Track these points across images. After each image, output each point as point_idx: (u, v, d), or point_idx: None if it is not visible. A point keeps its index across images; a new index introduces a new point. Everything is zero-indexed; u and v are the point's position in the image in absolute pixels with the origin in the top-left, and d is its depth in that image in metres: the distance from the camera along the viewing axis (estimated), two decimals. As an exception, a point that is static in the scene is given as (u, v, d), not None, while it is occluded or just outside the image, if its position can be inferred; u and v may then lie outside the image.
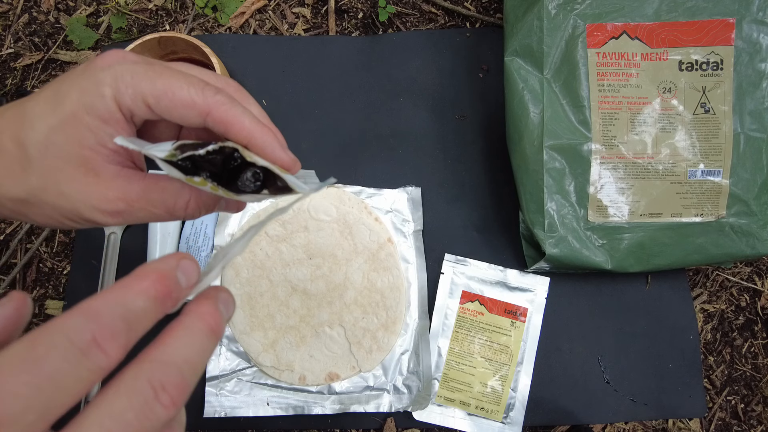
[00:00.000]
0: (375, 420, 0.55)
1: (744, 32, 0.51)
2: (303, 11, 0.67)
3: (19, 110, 0.24)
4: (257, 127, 0.25)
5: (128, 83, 0.23)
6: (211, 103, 0.24)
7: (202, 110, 0.24)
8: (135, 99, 0.23)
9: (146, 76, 0.23)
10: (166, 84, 0.23)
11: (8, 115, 0.25)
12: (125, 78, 0.23)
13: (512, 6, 0.54)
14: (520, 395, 0.55)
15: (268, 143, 0.25)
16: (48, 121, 0.23)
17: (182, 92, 0.23)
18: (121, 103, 0.23)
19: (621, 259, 0.53)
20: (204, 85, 0.24)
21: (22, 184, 0.24)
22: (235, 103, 0.25)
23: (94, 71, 0.24)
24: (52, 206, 0.24)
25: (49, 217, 0.25)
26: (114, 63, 0.24)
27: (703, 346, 0.59)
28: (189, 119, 0.24)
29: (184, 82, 0.24)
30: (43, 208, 0.24)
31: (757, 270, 0.62)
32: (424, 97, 0.63)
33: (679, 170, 0.52)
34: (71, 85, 0.24)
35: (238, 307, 0.55)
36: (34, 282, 0.59)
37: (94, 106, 0.23)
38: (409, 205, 0.59)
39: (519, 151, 0.53)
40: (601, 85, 0.52)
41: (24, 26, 0.66)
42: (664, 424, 0.57)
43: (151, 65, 0.24)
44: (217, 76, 0.27)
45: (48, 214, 0.25)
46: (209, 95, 0.24)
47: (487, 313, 0.56)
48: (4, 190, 0.24)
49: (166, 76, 0.24)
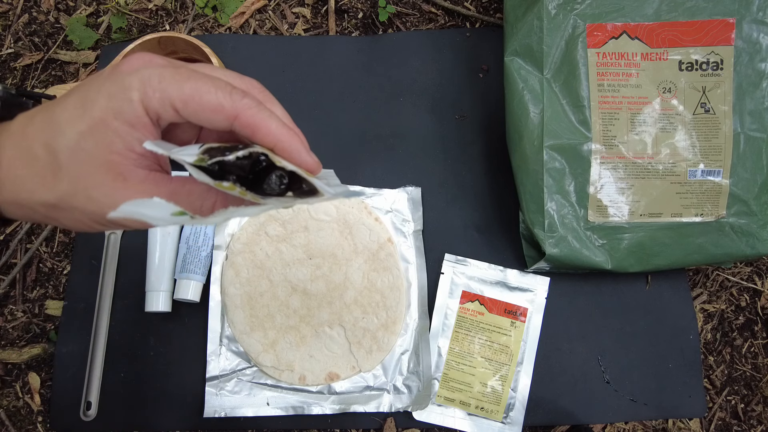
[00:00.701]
0: (375, 420, 0.55)
1: (744, 32, 0.51)
2: (303, 11, 0.67)
3: (47, 115, 0.25)
4: (283, 130, 0.25)
5: (156, 87, 0.23)
6: (239, 107, 0.24)
7: (230, 114, 0.24)
8: (163, 103, 0.23)
9: (173, 80, 0.23)
10: (193, 88, 0.24)
11: (37, 121, 0.25)
12: (152, 82, 0.23)
13: (512, 6, 0.54)
14: (520, 395, 0.55)
15: (294, 147, 0.25)
16: (77, 127, 0.24)
17: (210, 96, 0.24)
18: (149, 108, 0.23)
19: (621, 259, 0.53)
20: (231, 88, 0.24)
21: (53, 189, 0.24)
22: (261, 106, 0.25)
23: (121, 76, 0.24)
24: (82, 211, 0.24)
25: (79, 221, 0.25)
26: (141, 67, 0.24)
27: (703, 346, 0.59)
28: (216, 123, 0.24)
29: (211, 86, 0.24)
30: (73, 212, 0.25)
31: (757, 270, 0.62)
32: (424, 97, 0.63)
33: (679, 170, 0.52)
34: (99, 91, 0.24)
35: (238, 307, 0.55)
36: (34, 282, 0.59)
37: (122, 111, 0.23)
38: (409, 205, 0.59)
39: (519, 151, 0.53)
40: (601, 85, 0.52)
41: (24, 26, 0.66)
42: (664, 424, 0.57)
43: (177, 68, 0.24)
44: (241, 77, 0.27)
45: (77, 218, 0.25)
46: (237, 99, 0.24)
47: (487, 313, 0.56)
48: (36, 196, 0.25)
49: (193, 79, 0.24)
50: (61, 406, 0.54)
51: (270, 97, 0.28)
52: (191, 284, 0.55)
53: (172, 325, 0.57)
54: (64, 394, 0.55)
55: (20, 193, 0.25)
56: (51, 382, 0.56)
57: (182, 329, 0.56)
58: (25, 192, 0.25)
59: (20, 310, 0.58)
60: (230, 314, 0.55)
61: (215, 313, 0.55)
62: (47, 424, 0.55)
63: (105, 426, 0.54)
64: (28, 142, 0.24)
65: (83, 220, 0.25)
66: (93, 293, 0.57)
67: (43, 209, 0.25)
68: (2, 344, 0.57)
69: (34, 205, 0.25)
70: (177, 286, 0.55)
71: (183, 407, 0.55)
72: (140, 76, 0.23)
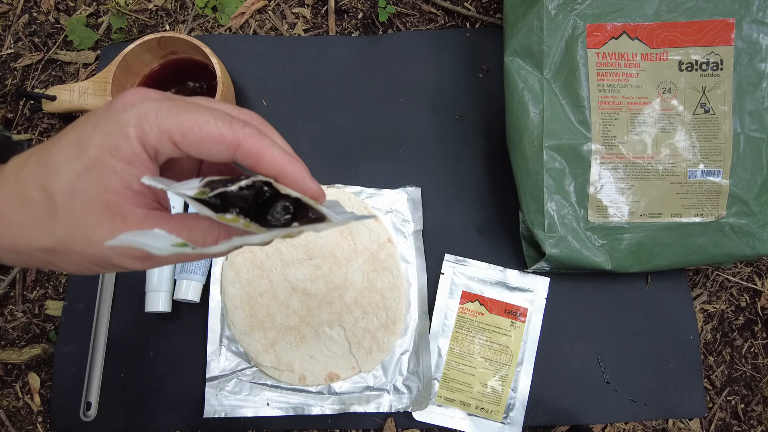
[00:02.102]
0: (375, 420, 0.55)
1: (744, 32, 0.51)
2: (303, 11, 0.67)
3: (43, 157, 0.24)
4: (286, 158, 0.24)
5: (152, 122, 0.23)
6: (240, 136, 0.24)
7: (232, 144, 0.24)
8: (161, 137, 0.23)
9: (171, 113, 0.23)
10: (192, 120, 0.23)
11: (32, 163, 0.24)
12: (149, 117, 0.23)
13: (512, 6, 0.54)
14: (520, 395, 0.55)
15: (299, 173, 0.25)
16: (73, 167, 0.23)
17: (210, 127, 0.23)
18: (146, 143, 0.23)
19: (621, 259, 0.53)
20: (231, 118, 0.24)
21: (50, 233, 0.24)
22: (263, 135, 0.24)
23: (116, 112, 0.23)
24: (80, 254, 0.24)
25: (78, 265, 0.25)
26: (136, 102, 0.24)
27: (703, 346, 0.59)
28: (217, 154, 0.24)
29: (210, 117, 0.23)
30: (71, 256, 0.24)
31: (757, 270, 0.62)
32: (424, 97, 0.63)
33: (679, 170, 0.52)
34: (94, 129, 0.23)
35: (237, 308, 0.55)
36: (34, 282, 0.59)
37: (119, 148, 0.23)
38: (409, 206, 0.59)
39: (519, 151, 0.53)
40: (601, 85, 0.52)
41: (24, 26, 0.66)
42: (664, 424, 0.57)
43: (174, 101, 0.24)
44: (239, 109, 0.27)
45: (76, 261, 0.24)
46: (237, 129, 0.24)
47: (487, 313, 0.56)
48: (33, 241, 0.24)
49: (192, 111, 0.23)
50: (61, 406, 0.54)
51: (270, 128, 0.27)
52: (191, 284, 0.55)
53: (172, 325, 0.57)
54: (64, 395, 0.55)
55: (16, 239, 0.24)
56: (51, 383, 0.56)
57: (182, 329, 0.56)
58: (21, 238, 0.24)
59: (20, 311, 0.58)
60: (230, 314, 0.55)
61: (215, 313, 0.55)
62: (47, 424, 0.55)
63: (105, 426, 0.54)
64: (22, 186, 0.24)
65: (82, 263, 0.25)
66: (93, 293, 0.57)
67: (40, 254, 0.24)
68: (2, 344, 0.57)
69: (30, 251, 0.24)
70: (177, 287, 0.55)
71: (183, 407, 0.55)
72: (136, 112, 0.23)
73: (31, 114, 0.63)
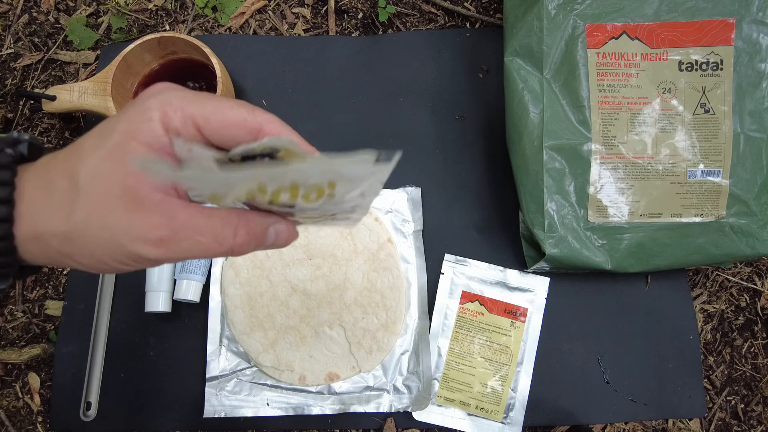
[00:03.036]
0: (375, 420, 0.55)
1: (744, 32, 0.51)
2: (303, 11, 0.67)
3: (74, 148, 0.25)
4: (307, 145, 0.26)
5: (177, 107, 0.24)
6: (262, 120, 0.25)
7: (254, 128, 0.25)
8: (184, 121, 0.24)
9: (194, 100, 0.24)
10: (215, 105, 0.24)
11: (62, 155, 0.25)
12: (173, 102, 0.24)
13: (512, 6, 0.54)
14: (520, 395, 0.55)
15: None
16: (98, 153, 0.23)
17: (232, 111, 0.24)
18: (169, 126, 0.23)
19: (621, 259, 0.53)
20: (252, 106, 0.25)
21: (68, 219, 0.24)
22: (283, 122, 0.26)
23: (142, 100, 0.24)
24: (95, 241, 0.24)
25: (92, 257, 0.24)
26: (162, 90, 0.25)
27: (703, 346, 0.59)
28: (239, 138, 0.25)
29: (233, 103, 0.25)
30: (86, 245, 0.24)
31: (757, 270, 0.62)
32: (424, 97, 0.63)
33: (679, 170, 0.52)
34: (120, 116, 0.24)
35: (237, 308, 0.55)
36: (34, 282, 0.59)
37: (140, 132, 0.23)
38: (409, 206, 0.59)
39: (519, 151, 0.53)
40: (600, 85, 0.52)
41: (24, 26, 0.66)
42: (664, 424, 0.57)
43: (196, 93, 0.25)
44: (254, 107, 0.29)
45: (91, 251, 0.24)
46: (259, 114, 0.25)
47: (487, 313, 0.56)
48: (52, 226, 0.24)
49: (214, 99, 0.24)
50: (61, 406, 0.54)
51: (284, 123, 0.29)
52: (191, 284, 0.55)
53: (172, 325, 0.57)
54: (64, 394, 0.55)
55: (37, 224, 0.24)
56: (51, 382, 0.56)
57: (182, 329, 0.56)
58: (42, 221, 0.24)
59: (20, 311, 0.58)
60: (230, 314, 0.55)
61: (215, 313, 0.55)
62: (47, 424, 0.55)
63: (105, 426, 0.54)
64: (50, 176, 0.24)
65: (96, 254, 0.24)
66: (93, 293, 0.57)
67: (57, 243, 0.24)
68: (2, 344, 0.57)
69: (48, 238, 0.24)
70: (177, 287, 0.55)
71: (183, 407, 0.55)
72: (160, 98, 0.24)
73: (31, 114, 0.63)
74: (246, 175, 0.20)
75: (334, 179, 0.22)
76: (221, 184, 0.22)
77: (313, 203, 0.24)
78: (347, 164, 0.21)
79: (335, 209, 0.26)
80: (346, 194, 0.24)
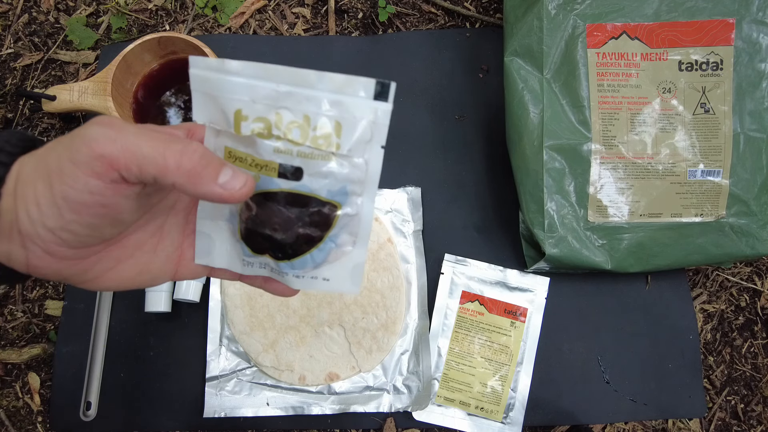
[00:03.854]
0: (375, 420, 0.55)
1: (744, 32, 0.51)
2: (303, 11, 0.67)
3: None
4: None
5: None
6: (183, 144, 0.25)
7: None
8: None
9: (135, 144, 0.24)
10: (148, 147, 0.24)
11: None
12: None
13: (512, 6, 0.54)
14: (520, 395, 0.55)
15: None
16: None
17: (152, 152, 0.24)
18: None
19: (621, 259, 0.53)
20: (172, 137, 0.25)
21: (50, 145, 0.24)
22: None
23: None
24: (67, 142, 0.23)
25: (60, 160, 0.23)
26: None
27: (703, 346, 0.59)
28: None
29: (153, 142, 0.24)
30: (62, 147, 0.23)
31: (757, 270, 0.62)
32: (424, 97, 0.63)
33: (678, 170, 0.52)
34: None
35: (237, 307, 0.55)
36: (34, 282, 0.59)
37: None
38: (409, 205, 0.59)
39: (519, 151, 0.53)
40: (600, 85, 0.52)
41: (24, 26, 0.66)
42: (664, 424, 0.57)
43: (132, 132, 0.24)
44: None
45: (61, 151, 0.23)
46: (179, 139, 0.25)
47: (487, 313, 0.56)
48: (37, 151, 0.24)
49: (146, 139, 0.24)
50: (61, 406, 0.54)
51: None
52: (191, 284, 0.55)
53: (172, 325, 0.57)
54: (64, 394, 0.55)
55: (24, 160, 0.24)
56: (51, 382, 0.56)
57: (182, 329, 0.56)
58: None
59: (20, 310, 0.58)
60: (230, 314, 0.55)
61: (215, 313, 0.55)
62: (47, 424, 0.55)
63: (105, 426, 0.54)
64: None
65: (67, 155, 0.23)
66: (93, 293, 0.57)
67: (34, 160, 0.24)
68: (2, 344, 0.57)
69: (28, 158, 0.24)
70: (177, 286, 0.55)
71: (183, 407, 0.55)
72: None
73: (31, 114, 0.63)
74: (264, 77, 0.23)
75: (340, 114, 0.24)
76: (245, 90, 0.23)
77: (323, 150, 0.24)
78: (347, 82, 0.23)
79: (343, 175, 0.26)
80: (351, 143, 0.24)
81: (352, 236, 0.27)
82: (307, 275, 0.28)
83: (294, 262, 0.27)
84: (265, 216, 0.26)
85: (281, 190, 0.25)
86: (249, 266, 0.29)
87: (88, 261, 0.26)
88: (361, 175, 0.25)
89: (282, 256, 0.27)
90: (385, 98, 0.24)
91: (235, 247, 0.28)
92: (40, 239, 0.24)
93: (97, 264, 0.26)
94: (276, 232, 0.26)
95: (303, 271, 0.27)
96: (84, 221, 0.23)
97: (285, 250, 0.26)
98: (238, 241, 0.28)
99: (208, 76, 0.23)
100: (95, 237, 0.25)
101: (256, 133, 0.24)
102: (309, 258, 0.27)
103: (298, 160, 0.24)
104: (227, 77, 0.23)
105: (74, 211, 0.23)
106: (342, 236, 0.27)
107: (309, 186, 0.25)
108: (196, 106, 0.24)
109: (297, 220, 0.26)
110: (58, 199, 0.23)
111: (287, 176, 0.25)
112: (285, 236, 0.26)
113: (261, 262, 0.28)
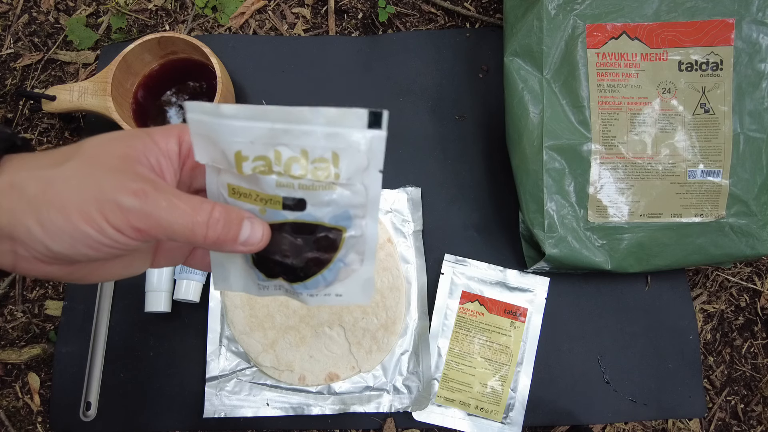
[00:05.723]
0: (375, 420, 0.55)
1: (743, 32, 0.51)
2: (303, 11, 0.67)
3: None
4: None
5: None
6: None
7: None
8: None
9: None
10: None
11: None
12: None
13: (512, 6, 0.54)
14: (520, 395, 0.55)
15: None
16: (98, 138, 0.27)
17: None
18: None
19: (621, 259, 0.53)
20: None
21: (56, 166, 0.24)
22: None
23: None
24: (77, 187, 0.23)
25: (64, 209, 0.23)
26: None
27: (703, 346, 0.59)
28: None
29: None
30: (67, 189, 0.23)
31: (757, 270, 0.62)
32: (424, 98, 0.63)
33: (678, 170, 0.52)
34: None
35: (237, 307, 0.55)
36: (34, 282, 0.59)
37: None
38: (409, 206, 0.59)
39: (519, 151, 0.53)
40: (600, 86, 0.52)
41: (24, 26, 0.66)
42: (664, 424, 0.57)
43: None
44: None
45: (67, 199, 0.23)
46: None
47: (486, 313, 0.56)
48: (37, 170, 0.24)
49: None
50: (61, 406, 0.54)
51: None
52: (191, 284, 0.55)
53: (172, 325, 0.57)
54: (64, 395, 0.55)
55: (21, 169, 0.24)
56: (51, 382, 0.56)
57: (182, 329, 0.56)
58: (29, 165, 0.24)
59: (20, 311, 0.58)
60: (230, 314, 0.55)
61: (215, 313, 0.55)
62: (47, 424, 0.55)
63: (105, 426, 0.54)
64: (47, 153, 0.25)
65: (73, 204, 0.23)
66: (93, 293, 0.57)
67: (35, 186, 0.23)
68: (2, 344, 0.57)
69: (27, 181, 0.23)
70: (177, 287, 0.55)
71: (183, 407, 0.55)
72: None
73: (30, 114, 0.63)
74: (262, 118, 0.23)
75: (336, 146, 0.24)
76: (243, 133, 0.24)
77: (323, 181, 0.25)
78: (341, 115, 0.23)
79: (343, 208, 0.26)
80: (349, 172, 0.25)
81: (359, 255, 0.28)
82: (320, 293, 0.29)
83: (307, 282, 0.28)
84: (274, 244, 0.27)
85: (287, 221, 0.26)
86: (264, 289, 0.30)
87: (76, 266, 0.26)
88: (362, 200, 0.26)
89: (294, 278, 0.28)
90: (378, 126, 0.24)
91: (249, 273, 0.29)
92: (36, 251, 0.24)
93: (84, 268, 0.27)
94: (286, 258, 0.27)
95: (316, 290, 0.29)
96: (93, 255, 0.24)
97: (297, 274, 0.28)
98: (252, 267, 0.29)
99: (206, 121, 0.24)
100: (94, 259, 0.26)
101: (257, 171, 0.24)
102: (321, 278, 0.28)
103: (300, 192, 0.25)
104: (224, 121, 0.23)
105: (90, 248, 0.24)
106: (350, 256, 0.28)
107: (313, 215, 0.26)
108: (196, 147, 0.25)
109: (305, 246, 0.27)
110: (77, 234, 0.23)
111: (291, 208, 0.25)
112: (295, 261, 0.27)
113: (275, 284, 0.29)
